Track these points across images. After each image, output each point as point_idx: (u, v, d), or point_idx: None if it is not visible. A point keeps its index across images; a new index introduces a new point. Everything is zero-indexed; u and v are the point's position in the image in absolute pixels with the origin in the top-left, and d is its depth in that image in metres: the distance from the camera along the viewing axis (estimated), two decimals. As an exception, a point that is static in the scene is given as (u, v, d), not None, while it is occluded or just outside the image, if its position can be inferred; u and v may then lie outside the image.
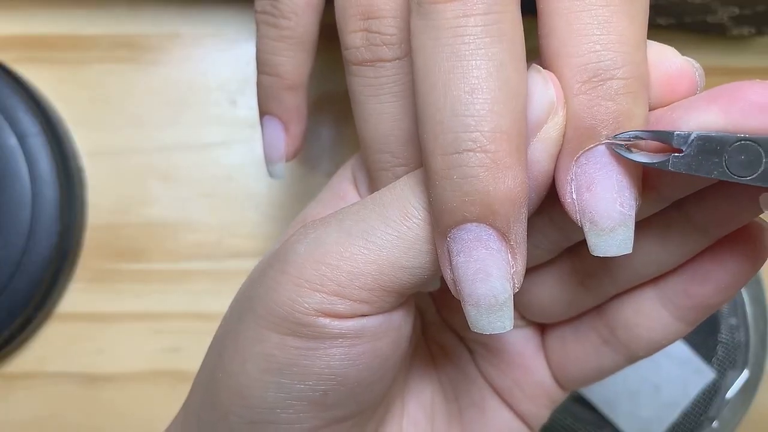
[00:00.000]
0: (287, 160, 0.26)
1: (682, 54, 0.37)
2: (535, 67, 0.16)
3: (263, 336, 0.18)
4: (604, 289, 0.20)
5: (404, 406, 0.23)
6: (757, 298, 0.34)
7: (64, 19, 0.36)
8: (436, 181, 0.15)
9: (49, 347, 0.35)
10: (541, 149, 0.16)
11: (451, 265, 0.16)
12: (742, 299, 0.34)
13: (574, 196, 0.16)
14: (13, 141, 0.33)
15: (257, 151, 0.35)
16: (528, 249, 0.16)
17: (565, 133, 0.16)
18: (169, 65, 0.36)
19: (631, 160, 0.16)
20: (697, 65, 0.17)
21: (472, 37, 0.15)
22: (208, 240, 0.35)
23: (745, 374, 0.34)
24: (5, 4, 0.36)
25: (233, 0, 0.36)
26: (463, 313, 0.17)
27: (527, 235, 0.16)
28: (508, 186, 0.15)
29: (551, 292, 0.21)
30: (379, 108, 0.19)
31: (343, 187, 0.22)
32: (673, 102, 0.17)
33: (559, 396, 0.23)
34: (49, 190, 0.33)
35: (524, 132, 0.15)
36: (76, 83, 0.36)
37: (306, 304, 0.17)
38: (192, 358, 0.35)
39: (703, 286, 0.19)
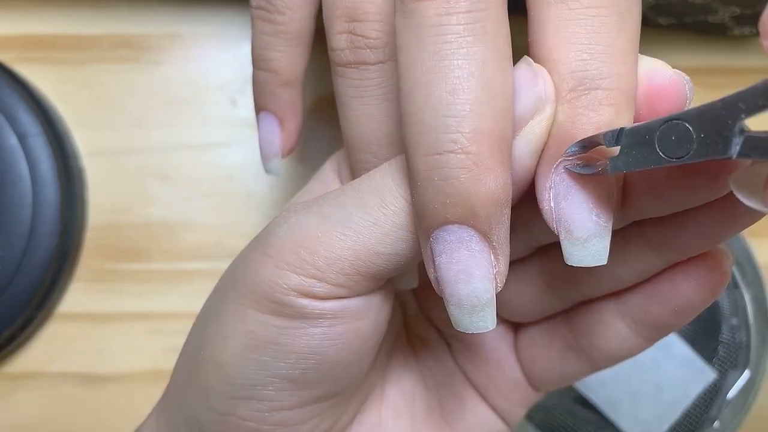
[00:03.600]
0: (283, 157, 0.26)
1: (683, 54, 0.37)
2: (527, 59, 0.16)
3: (245, 314, 0.18)
4: (568, 295, 0.21)
5: (384, 394, 0.23)
6: (757, 298, 0.34)
7: (65, 19, 0.36)
8: (418, 181, 0.15)
9: (49, 347, 0.35)
10: (523, 145, 0.16)
11: (434, 264, 0.16)
12: (743, 299, 0.34)
13: (552, 204, 0.16)
14: (13, 141, 0.33)
15: (257, 152, 0.35)
16: None
17: (547, 139, 0.16)
18: (170, 65, 0.36)
19: (574, 171, 0.16)
20: (687, 78, 0.17)
21: (454, 36, 0.15)
22: (208, 240, 0.35)
23: (746, 374, 0.34)
24: (5, 4, 0.36)
25: (234, 0, 0.36)
26: (442, 309, 0.17)
27: None
28: (489, 188, 0.15)
29: (519, 290, 0.21)
30: (362, 109, 0.19)
31: (329, 177, 0.23)
32: (660, 114, 0.17)
33: (532, 396, 0.23)
34: (50, 190, 0.33)
35: (508, 132, 0.15)
36: (76, 83, 0.36)
37: (285, 285, 0.17)
38: (192, 358, 0.35)
39: (660, 306, 0.19)
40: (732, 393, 0.33)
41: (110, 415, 0.35)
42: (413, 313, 0.24)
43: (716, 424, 0.33)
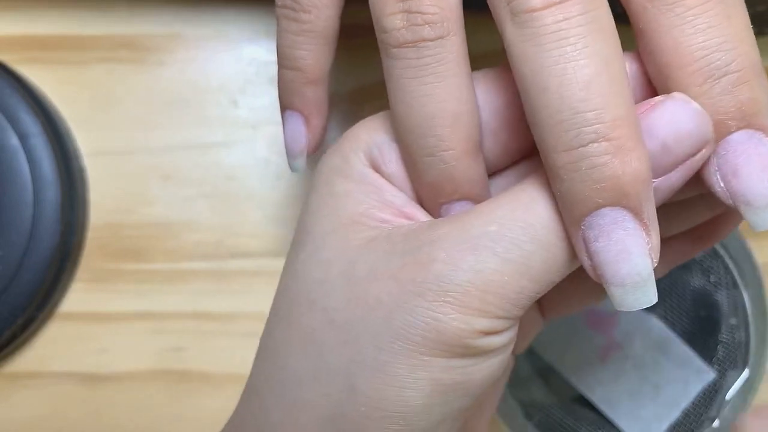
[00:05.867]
0: (309, 154, 0.26)
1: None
2: (686, 98, 0.17)
3: (425, 362, 0.18)
4: None
5: None
6: (757, 298, 0.34)
7: (66, 19, 0.36)
8: (563, 175, 0.16)
9: (50, 347, 0.35)
10: (679, 177, 0.17)
11: (589, 251, 0.17)
12: (743, 299, 0.34)
13: (722, 185, 0.17)
14: (14, 141, 0.33)
15: (258, 152, 0.35)
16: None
17: None
18: (171, 66, 0.36)
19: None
20: None
21: (576, 38, 0.16)
22: (209, 240, 0.35)
23: (745, 374, 0.34)
24: (7, 4, 0.36)
25: (234, 0, 0.36)
26: None
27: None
28: (634, 168, 0.16)
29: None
30: (423, 90, 0.19)
31: (372, 177, 0.20)
32: None
33: (541, 326, 0.25)
34: (51, 190, 0.33)
35: (635, 114, 0.17)
36: (77, 83, 0.36)
37: (473, 329, 0.18)
38: (193, 358, 0.35)
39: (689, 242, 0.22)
40: (731, 393, 0.34)
41: (111, 414, 0.35)
42: None
43: (715, 423, 0.33)
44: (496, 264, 0.17)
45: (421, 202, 0.21)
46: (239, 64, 0.36)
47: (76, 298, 0.35)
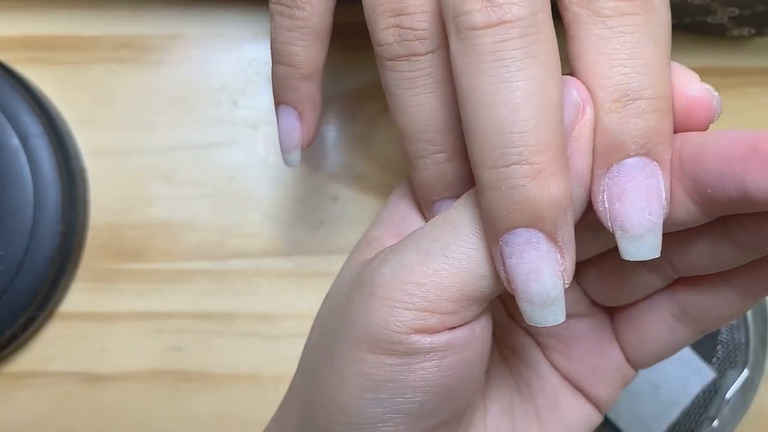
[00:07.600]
0: (303, 149, 0.26)
1: (683, 54, 0.37)
2: None
3: (359, 357, 0.19)
4: (669, 274, 0.21)
5: (486, 410, 0.23)
6: (757, 298, 0.34)
7: (67, 19, 0.36)
8: (487, 192, 0.17)
9: (51, 347, 0.35)
10: (578, 148, 0.17)
11: (505, 266, 0.17)
12: (742, 299, 0.34)
13: (606, 206, 0.17)
14: (15, 141, 0.33)
15: (259, 152, 0.35)
16: (579, 245, 0.18)
17: (596, 146, 0.17)
18: (171, 66, 0.36)
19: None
20: (716, 93, 0.18)
21: (511, 60, 0.16)
22: (209, 240, 0.35)
23: (745, 374, 0.34)
24: (8, 4, 0.36)
25: (235, 1, 0.36)
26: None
27: (578, 233, 0.18)
28: (552, 193, 0.16)
29: (618, 276, 0.22)
30: (416, 100, 0.20)
31: (402, 207, 0.23)
32: (691, 126, 0.18)
33: (632, 376, 0.24)
34: (52, 191, 0.33)
35: (563, 141, 0.17)
36: (78, 84, 0.36)
37: (398, 323, 0.18)
38: (194, 358, 0.35)
39: None
40: (731, 392, 0.34)
41: (111, 414, 0.35)
42: (502, 322, 0.25)
43: (715, 423, 0.33)
44: (418, 256, 0.18)
45: (419, 205, 0.22)
46: (239, 64, 0.36)
47: (77, 298, 0.35)
